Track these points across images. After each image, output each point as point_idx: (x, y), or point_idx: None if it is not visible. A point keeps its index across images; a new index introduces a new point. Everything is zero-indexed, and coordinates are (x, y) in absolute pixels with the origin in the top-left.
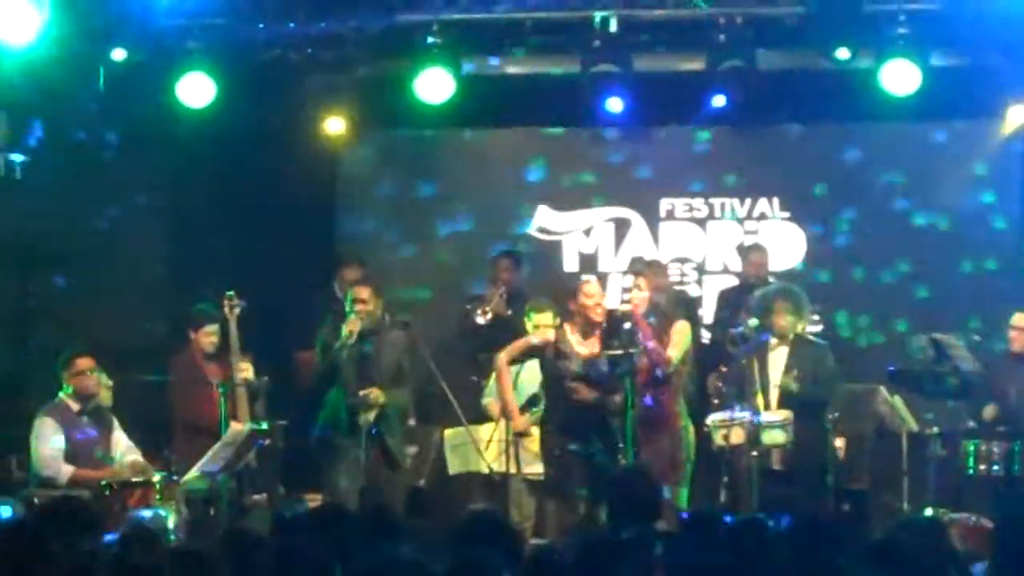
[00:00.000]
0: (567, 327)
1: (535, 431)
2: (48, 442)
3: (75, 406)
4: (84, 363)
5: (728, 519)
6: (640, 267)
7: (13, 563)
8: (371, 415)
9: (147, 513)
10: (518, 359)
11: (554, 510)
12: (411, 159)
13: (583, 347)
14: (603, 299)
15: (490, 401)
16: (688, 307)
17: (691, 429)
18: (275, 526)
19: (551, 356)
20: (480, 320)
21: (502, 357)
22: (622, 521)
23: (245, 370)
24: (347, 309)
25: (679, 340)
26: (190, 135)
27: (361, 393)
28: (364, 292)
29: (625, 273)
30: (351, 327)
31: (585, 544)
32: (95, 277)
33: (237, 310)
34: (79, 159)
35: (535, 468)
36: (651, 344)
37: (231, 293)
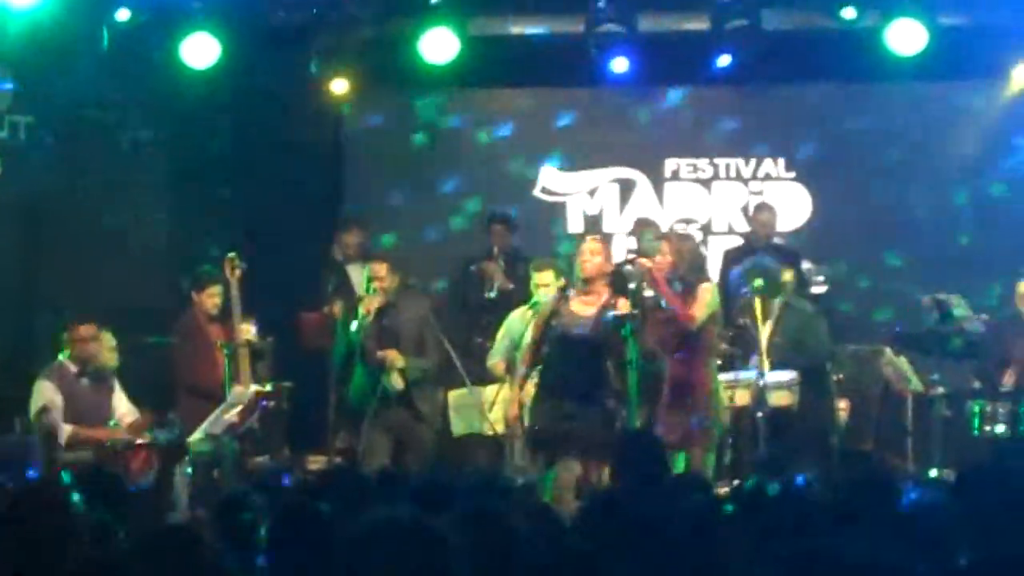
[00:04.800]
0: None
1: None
2: (42, 403)
3: (74, 368)
4: (85, 330)
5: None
6: (666, 232)
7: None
8: (396, 380)
9: None
10: (543, 331)
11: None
12: (416, 119)
13: (585, 306)
14: (596, 255)
15: (496, 362)
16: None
17: (722, 392)
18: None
19: (551, 315)
20: (492, 295)
21: (528, 341)
22: (627, 484)
23: (247, 331)
24: (365, 287)
25: (704, 299)
26: (194, 96)
27: (379, 354)
28: (381, 269)
29: (657, 237)
30: (368, 306)
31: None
32: (100, 238)
33: (239, 272)
34: (83, 121)
35: None
36: (674, 305)
37: (232, 255)
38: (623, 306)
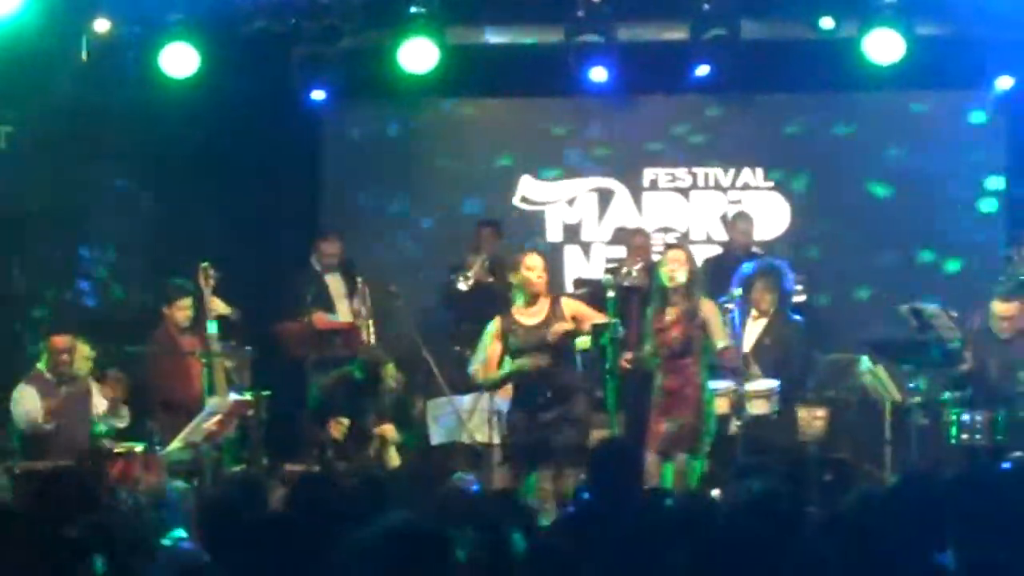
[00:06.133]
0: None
1: None
2: (26, 404)
3: (51, 377)
4: (60, 342)
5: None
6: (679, 240)
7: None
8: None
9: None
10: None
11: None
12: (395, 129)
13: (532, 317)
14: (543, 270)
15: (477, 368)
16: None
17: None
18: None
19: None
20: (462, 287)
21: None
22: (600, 492)
23: (216, 306)
24: None
25: (715, 320)
26: (173, 106)
27: (377, 431)
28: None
29: (670, 248)
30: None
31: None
32: (79, 247)
33: (212, 281)
34: (63, 131)
35: None
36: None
37: (205, 264)
38: (569, 305)
